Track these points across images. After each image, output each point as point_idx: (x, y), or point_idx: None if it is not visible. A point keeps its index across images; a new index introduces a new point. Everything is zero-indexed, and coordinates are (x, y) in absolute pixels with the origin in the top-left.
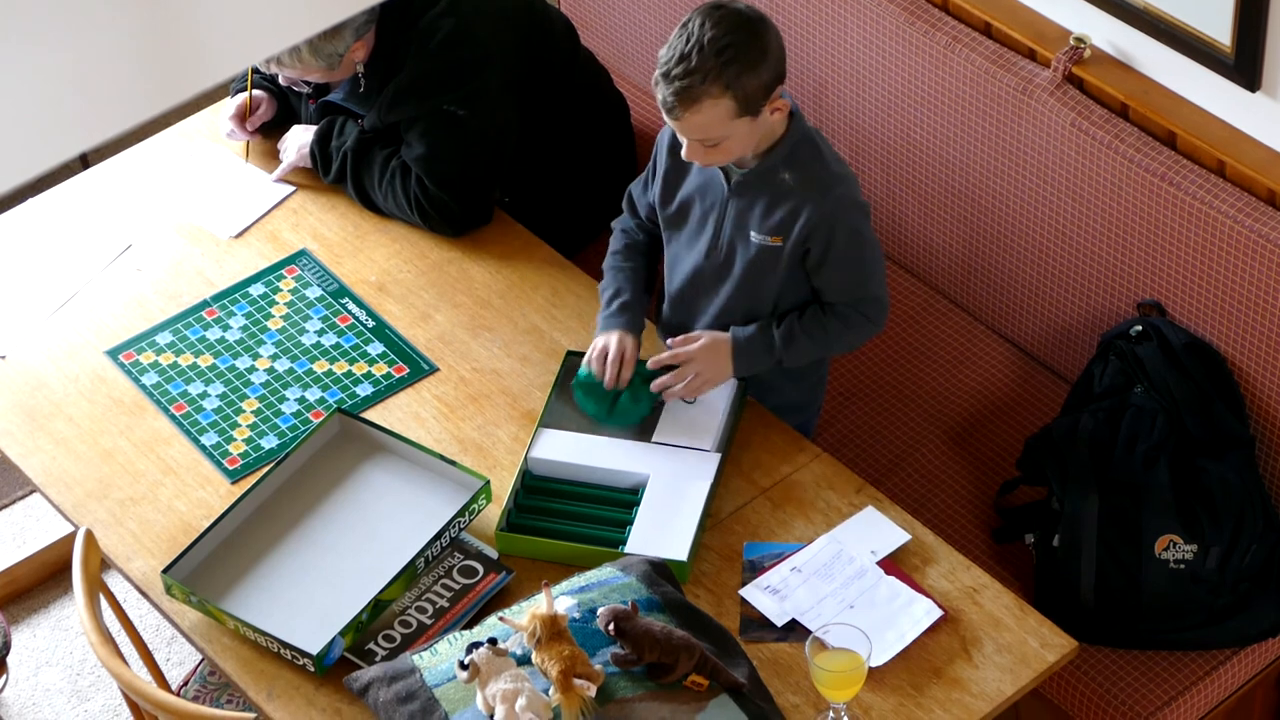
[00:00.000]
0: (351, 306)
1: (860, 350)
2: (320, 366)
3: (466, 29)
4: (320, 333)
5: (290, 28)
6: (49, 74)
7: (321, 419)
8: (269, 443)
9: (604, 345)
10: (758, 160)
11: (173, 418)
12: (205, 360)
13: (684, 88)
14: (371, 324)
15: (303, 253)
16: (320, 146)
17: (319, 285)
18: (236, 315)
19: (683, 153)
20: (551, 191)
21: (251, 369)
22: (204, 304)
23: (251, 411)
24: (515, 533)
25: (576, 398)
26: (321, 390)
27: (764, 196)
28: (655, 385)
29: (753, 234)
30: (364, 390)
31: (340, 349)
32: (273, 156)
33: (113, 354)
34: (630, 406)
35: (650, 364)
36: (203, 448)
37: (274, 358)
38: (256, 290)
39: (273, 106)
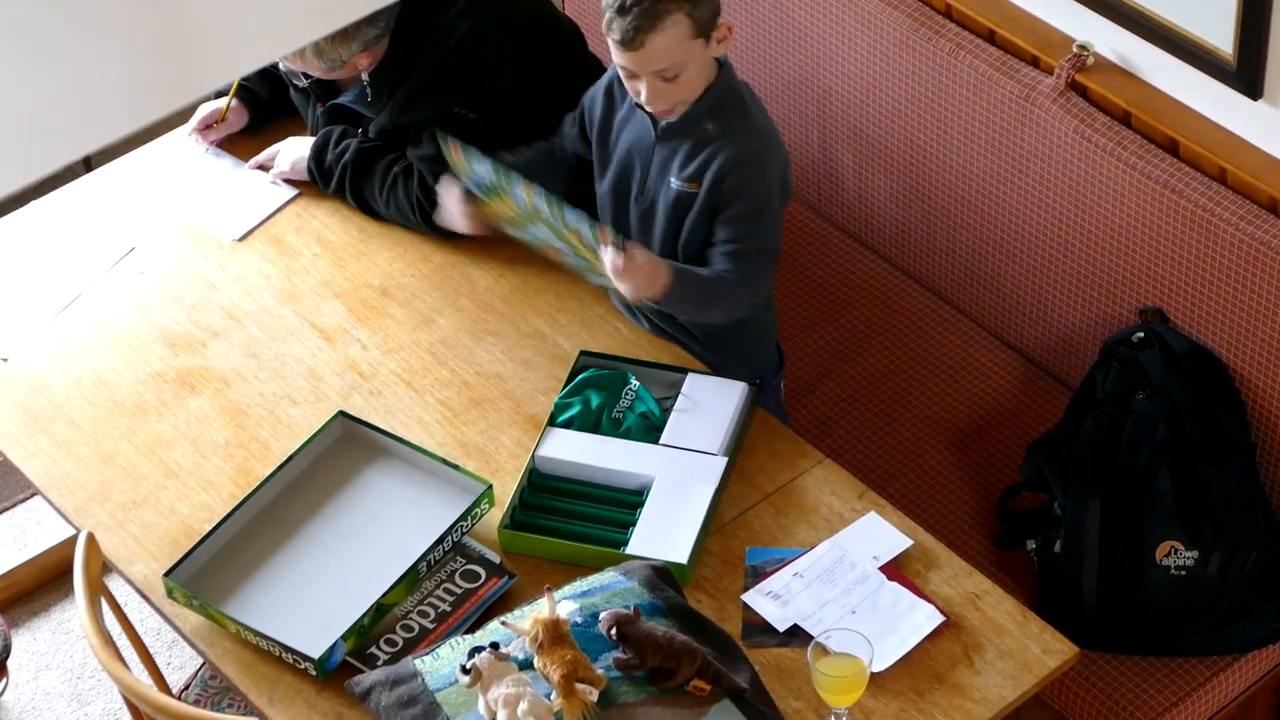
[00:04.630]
0: None
1: (863, 355)
2: None
3: (482, 32)
4: None
5: (294, 32)
6: (52, 77)
7: (325, 422)
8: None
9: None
10: (688, 108)
11: None
12: None
13: (646, 9)
14: None
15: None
16: (317, 162)
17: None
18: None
19: (643, 98)
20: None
21: None
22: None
23: None
24: (518, 530)
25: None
26: None
27: (686, 143)
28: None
29: (673, 180)
30: None
31: None
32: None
33: None
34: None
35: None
36: None
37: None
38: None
39: (243, 118)
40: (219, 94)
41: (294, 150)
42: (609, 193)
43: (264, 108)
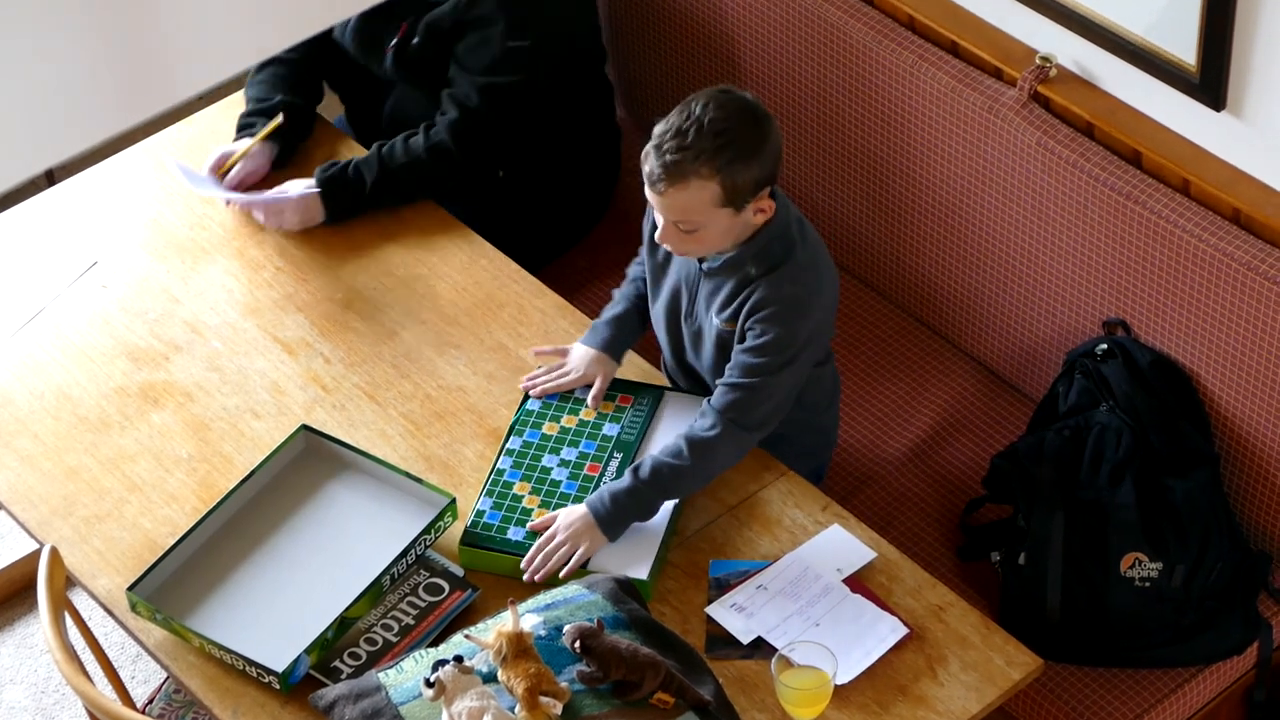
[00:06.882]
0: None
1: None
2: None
3: None
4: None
5: (261, 42)
6: (14, 89)
7: (287, 437)
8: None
9: (568, 362)
10: (735, 250)
11: None
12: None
13: (674, 162)
14: None
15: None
16: (330, 185)
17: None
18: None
19: (656, 235)
20: (542, 180)
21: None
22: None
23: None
24: (477, 547)
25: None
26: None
27: (730, 284)
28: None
29: (714, 317)
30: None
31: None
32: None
33: None
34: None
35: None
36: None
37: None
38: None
39: (265, 164)
40: (243, 131)
41: (297, 199)
42: (662, 314)
43: (287, 135)
